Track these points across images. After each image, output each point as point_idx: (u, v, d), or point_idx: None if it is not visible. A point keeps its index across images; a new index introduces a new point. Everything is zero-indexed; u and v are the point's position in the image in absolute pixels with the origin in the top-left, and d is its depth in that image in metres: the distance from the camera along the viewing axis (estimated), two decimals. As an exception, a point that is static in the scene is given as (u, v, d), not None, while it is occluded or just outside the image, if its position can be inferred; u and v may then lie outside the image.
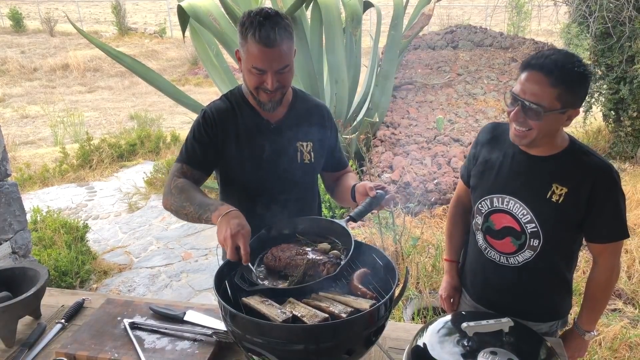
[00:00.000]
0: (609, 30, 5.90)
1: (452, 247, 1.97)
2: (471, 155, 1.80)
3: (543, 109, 1.42)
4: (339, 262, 1.41)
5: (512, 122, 1.51)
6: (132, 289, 4.00)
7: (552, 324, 1.74)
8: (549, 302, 1.73)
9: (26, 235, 3.00)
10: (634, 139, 6.35)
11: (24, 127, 9.38)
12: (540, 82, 1.42)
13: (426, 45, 8.50)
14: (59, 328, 1.67)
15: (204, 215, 1.51)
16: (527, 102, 1.43)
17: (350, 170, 1.98)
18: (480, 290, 1.82)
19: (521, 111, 1.46)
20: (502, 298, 1.73)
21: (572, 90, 1.43)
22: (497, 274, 1.71)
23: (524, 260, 1.65)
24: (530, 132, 1.48)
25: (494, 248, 1.70)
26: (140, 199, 5.83)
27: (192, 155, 1.69)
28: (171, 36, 17.78)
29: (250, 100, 1.72)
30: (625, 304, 3.30)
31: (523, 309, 1.67)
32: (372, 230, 4.03)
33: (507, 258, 1.68)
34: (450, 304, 1.95)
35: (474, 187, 1.75)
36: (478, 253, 1.76)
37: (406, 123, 6.11)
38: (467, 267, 1.88)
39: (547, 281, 1.68)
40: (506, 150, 1.66)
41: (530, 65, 1.46)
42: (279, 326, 1.24)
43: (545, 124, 1.45)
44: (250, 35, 1.50)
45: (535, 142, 1.51)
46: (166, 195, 1.64)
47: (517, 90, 1.47)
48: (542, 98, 1.42)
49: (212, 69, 5.45)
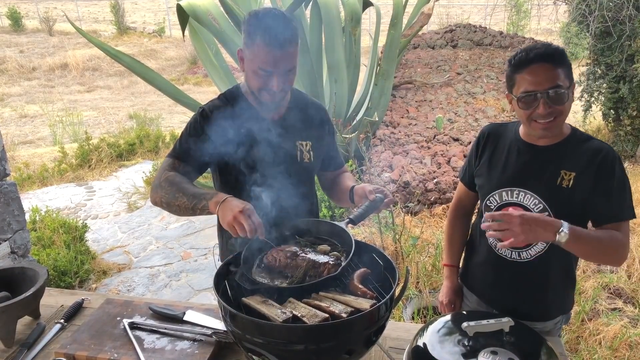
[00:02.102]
0: (608, 29, 5.90)
1: (452, 252, 1.96)
2: (472, 157, 1.81)
3: (566, 89, 1.49)
4: (339, 262, 1.41)
5: (539, 118, 1.52)
6: (131, 288, 4.00)
7: (558, 320, 1.75)
8: (557, 298, 1.73)
9: (25, 235, 3.00)
10: (634, 138, 6.36)
11: (22, 127, 9.37)
12: (548, 69, 1.49)
13: (426, 44, 8.49)
14: (58, 328, 1.67)
15: (199, 204, 1.50)
16: (550, 91, 1.48)
17: (347, 170, 1.98)
18: (491, 291, 1.81)
19: (547, 102, 1.49)
20: (513, 296, 1.73)
21: (568, 66, 1.53)
22: (509, 271, 1.71)
23: (536, 255, 1.65)
24: (559, 119, 1.53)
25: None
26: (139, 198, 5.82)
27: (185, 151, 1.68)
28: (170, 35, 17.77)
29: (249, 99, 1.71)
30: (625, 303, 3.30)
31: (533, 307, 1.68)
32: (372, 230, 4.03)
33: (518, 253, 1.67)
34: (452, 310, 1.94)
35: (481, 186, 1.75)
36: (487, 252, 1.76)
37: (406, 122, 6.11)
38: (475, 268, 1.86)
39: (557, 276, 1.69)
40: (510, 145, 1.68)
41: (529, 61, 1.51)
42: (279, 326, 1.23)
43: (569, 105, 1.52)
44: (258, 37, 1.50)
45: (560, 127, 1.57)
46: (155, 188, 1.62)
47: (531, 88, 1.50)
48: (558, 80, 1.48)
49: (211, 69, 5.44)
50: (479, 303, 1.86)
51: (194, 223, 5.10)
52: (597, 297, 3.29)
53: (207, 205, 1.47)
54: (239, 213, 1.36)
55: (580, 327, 3.05)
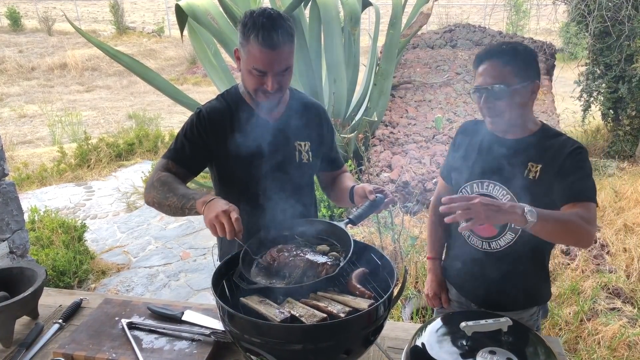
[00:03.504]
0: (607, 29, 5.91)
1: (434, 245, 2.01)
2: (450, 153, 1.89)
3: (506, 85, 1.56)
4: (338, 262, 1.41)
5: (485, 112, 1.63)
6: (130, 288, 4.00)
7: (534, 312, 1.78)
8: (530, 288, 1.77)
9: (24, 235, 2.99)
10: (633, 138, 6.36)
11: (21, 127, 9.36)
12: (495, 66, 1.58)
13: (425, 44, 8.49)
14: (57, 328, 1.67)
15: (187, 204, 1.50)
16: (490, 87, 1.57)
17: (346, 170, 1.98)
18: (465, 281, 1.86)
19: (489, 97, 1.59)
20: (485, 287, 1.77)
21: (523, 65, 1.58)
22: (480, 261, 1.75)
23: (506, 245, 1.69)
24: (503, 116, 1.60)
25: (476, 234, 1.75)
26: (138, 198, 5.82)
27: (180, 152, 1.69)
28: (169, 35, 17.76)
29: (247, 99, 1.71)
30: (624, 303, 3.30)
31: (504, 297, 1.72)
32: (370, 230, 4.03)
33: (489, 243, 1.72)
34: (438, 302, 1.98)
35: (455, 179, 1.81)
36: (462, 243, 1.81)
37: (405, 122, 6.11)
38: (452, 259, 1.92)
39: (527, 266, 1.73)
40: (482, 139, 1.74)
41: (481, 58, 1.61)
42: (277, 326, 1.23)
43: (514, 102, 1.58)
44: (252, 36, 1.49)
45: (511, 121, 1.62)
46: (148, 189, 1.62)
47: (478, 83, 1.61)
48: (502, 78, 1.56)
49: (210, 68, 5.44)
50: (458, 295, 1.91)
51: (193, 223, 5.10)
52: (596, 297, 3.30)
53: (195, 204, 1.47)
54: (221, 212, 1.36)
55: (579, 327, 3.06)
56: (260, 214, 1.67)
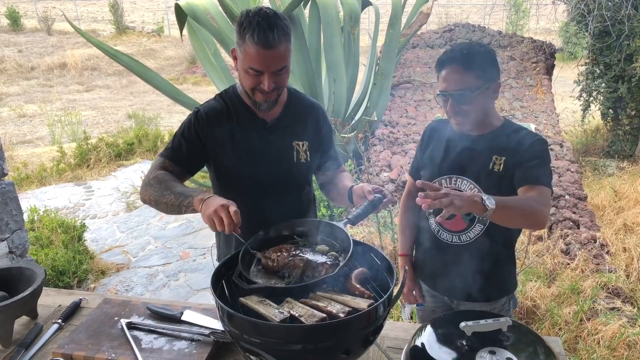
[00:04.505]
0: (607, 28, 5.91)
1: (406, 242, 2.04)
2: (418, 151, 1.93)
3: (470, 90, 1.59)
4: (337, 262, 1.41)
5: (451, 114, 1.67)
6: (129, 288, 3.99)
7: (504, 302, 1.83)
8: (500, 278, 1.81)
9: (23, 234, 2.99)
10: (632, 138, 6.36)
11: (21, 126, 9.35)
12: (456, 71, 1.61)
13: (424, 43, 8.49)
14: (56, 328, 1.66)
15: (184, 201, 1.50)
16: (455, 93, 1.61)
17: (344, 169, 1.97)
18: (436, 276, 1.90)
19: (454, 103, 1.63)
20: (456, 280, 1.79)
21: (484, 66, 1.62)
22: (451, 254, 1.79)
23: (475, 236, 1.74)
24: (469, 117, 1.65)
25: (446, 228, 1.78)
26: (138, 198, 5.81)
27: (177, 151, 1.69)
28: (169, 35, 17.75)
29: (245, 99, 1.71)
30: (624, 302, 3.30)
31: (476, 288, 1.75)
32: (370, 229, 4.03)
33: (459, 236, 1.76)
34: (413, 297, 2.03)
35: (424, 177, 1.84)
36: (431, 238, 1.84)
37: (404, 122, 6.11)
38: (422, 256, 1.95)
39: (497, 256, 1.77)
40: (449, 136, 1.78)
41: (443, 63, 1.65)
42: (277, 326, 1.23)
43: (478, 103, 1.63)
44: (248, 36, 1.49)
45: (476, 120, 1.67)
46: (144, 186, 1.63)
47: (442, 89, 1.65)
48: (465, 83, 1.60)
49: (210, 68, 5.43)
50: (428, 290, 1.96)
51: (193, 223, 5.09)
52: (596, 297, 3.29)
53: (192, 202, 1.47)
54: (220, 207, 1.36)
55: (579, 327, 3.05)
56: (257, 213, 1.66)
